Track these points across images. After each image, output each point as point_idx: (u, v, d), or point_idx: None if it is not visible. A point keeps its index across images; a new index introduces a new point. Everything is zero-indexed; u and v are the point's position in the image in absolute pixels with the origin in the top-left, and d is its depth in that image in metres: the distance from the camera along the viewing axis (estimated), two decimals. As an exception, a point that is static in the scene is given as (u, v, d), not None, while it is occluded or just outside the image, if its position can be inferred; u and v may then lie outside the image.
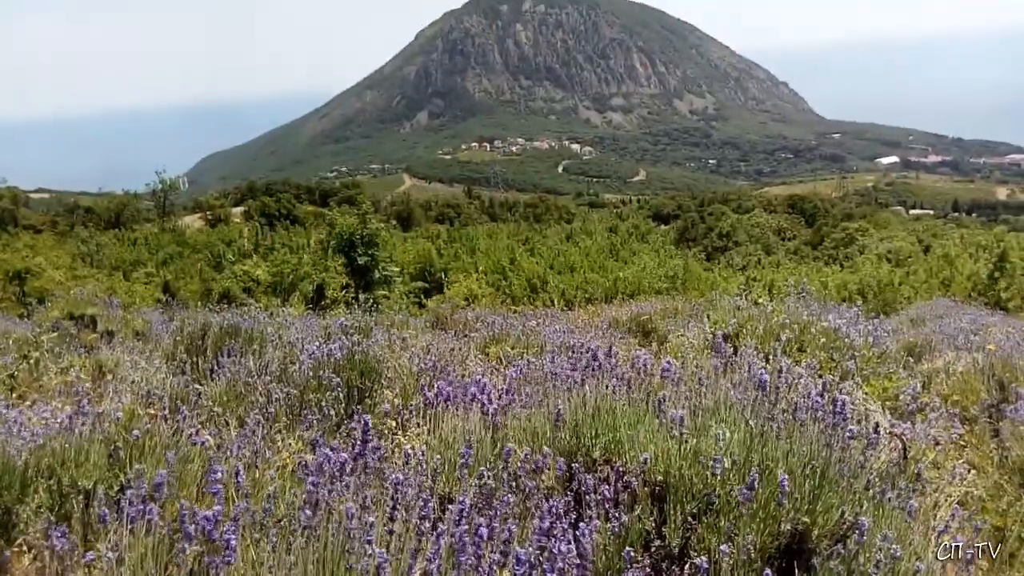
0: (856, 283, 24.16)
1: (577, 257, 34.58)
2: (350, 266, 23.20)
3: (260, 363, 4.98)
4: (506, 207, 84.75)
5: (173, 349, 6.58)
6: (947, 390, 6.19)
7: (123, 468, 3.11)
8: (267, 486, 2.81)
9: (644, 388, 3.33)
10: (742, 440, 2.78)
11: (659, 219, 76.00)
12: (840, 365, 5.58)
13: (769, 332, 5.86)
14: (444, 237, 44.53)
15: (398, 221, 59.43)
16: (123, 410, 3.42)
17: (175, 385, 4.87)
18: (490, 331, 8.51)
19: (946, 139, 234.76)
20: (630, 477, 2.65)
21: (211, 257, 33.50)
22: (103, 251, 34.45)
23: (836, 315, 7.69)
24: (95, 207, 56.76)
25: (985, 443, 5.42)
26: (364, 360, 4.63)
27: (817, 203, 79.09)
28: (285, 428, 3.96)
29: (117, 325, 9.37)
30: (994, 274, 19.33)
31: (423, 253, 30.74)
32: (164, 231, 45.14)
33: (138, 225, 50.67)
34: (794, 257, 49.03)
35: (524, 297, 25.52)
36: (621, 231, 54.79)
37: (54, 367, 6.73)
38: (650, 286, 26.67)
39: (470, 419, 3.19)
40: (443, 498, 2.64)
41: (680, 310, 12.57)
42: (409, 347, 7.07)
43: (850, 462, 2.82)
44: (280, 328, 6.95)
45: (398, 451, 3.74)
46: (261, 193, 69.07)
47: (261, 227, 46.90)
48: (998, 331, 9.50)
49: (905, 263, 30.53)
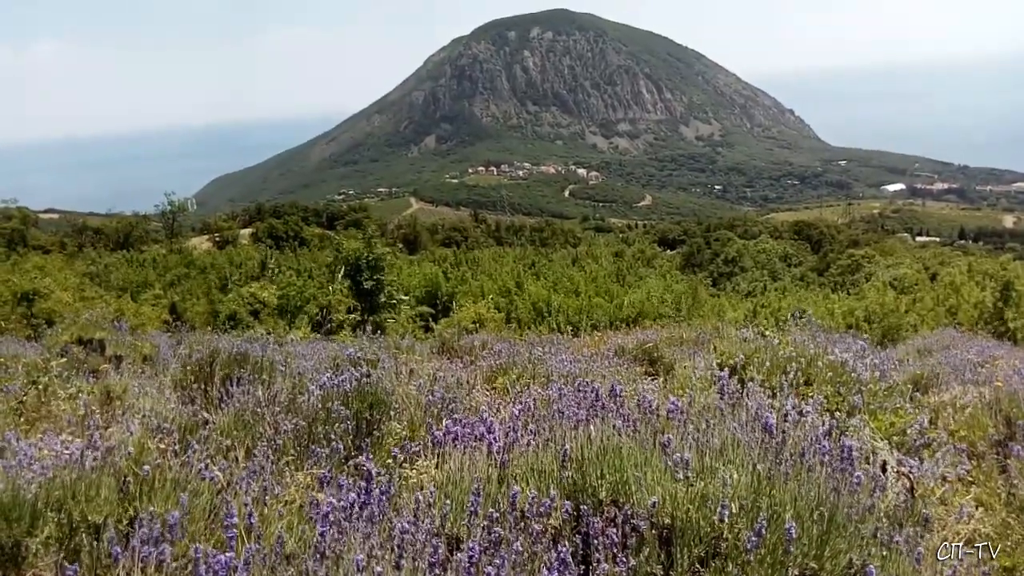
0: (862, 310, 24.12)
1: (583, 282, 34.62)
2: (356, 289, 23.25)
3: (269, 393, 5.00)
4: (512, 231, 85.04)
5: (182, 376, 6.61)
6: (954, 425, 6.17)
7: (132, 502, 3.13)
8: (276, 523, 2.82)
9: (650, 427, 3.34)
10: (749, 483, 2.79)
11: (665, 244, 76.16)
12: (847, 400, 5.58)
13: (776, 366, 5.86)
14: (451, 260, 44.66)
15: (404, 244, 59.66)
16: (133, 443, 3.45)
17: (183, 415, 4.90)
18: (496, 360, 8.52)
19: (952, 167, 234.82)
20: (637, 520, 2.66)
21: (218, 279, 33.65)
22: (111, 272, 34.63)
23: (843, 348, 7.69)
24: (104, 228, 57.17)
25: (992, 480, 5.38)
26: (373, 392, 4.65)
27: (823, 229, 79.13)
28: (294, 461, 3.97)
29: (126, 350, 9.42)
30: (998, 304, 19.24)
31: (430, 277, 30.80)
32: (172, 252, 45.37)
33: (146, 246, 50.99)
34: (800, 283, 48.91)
35: (530, 322, 25.51)
36: (627, 256, 54.94)
37: (63, 393, 6.75)
38: (656, 311, 26.67)
39: (476, 459, 3.21)
40: (451, 538, 2.66)
41: (686, 338, 12.54)
42: (416, 376, 7.09)
43: (858, 506, 2.83)
44: (288, 356, 6.98)
45: (405, 485, 3.75)
46: (269, 215, 69.40)
47: (268, 249, 47.14)
48: (1005, 363, 9.44)
49: (911, 290, 30.42)
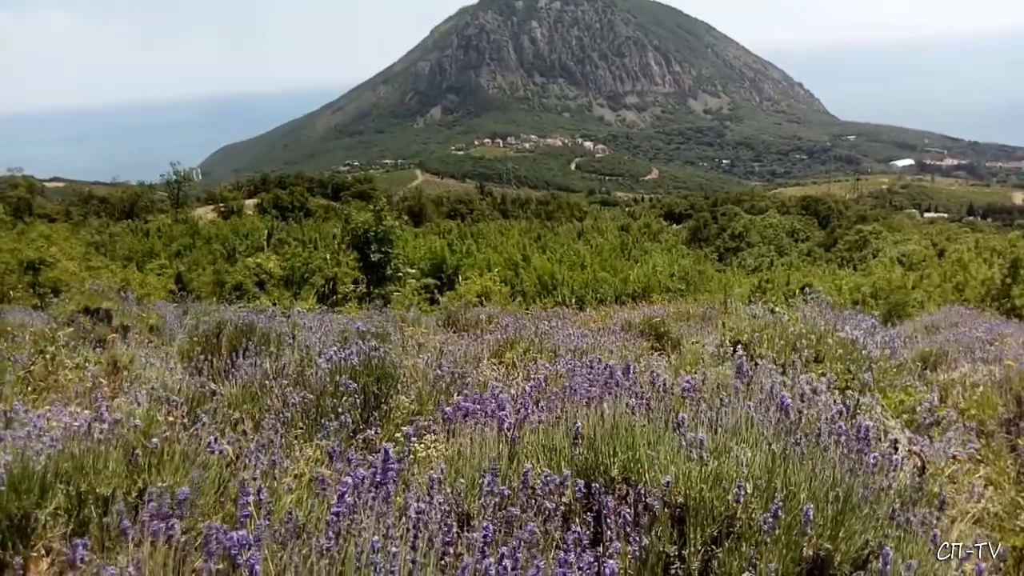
0: (869, 286, 24.03)
1: (589, 256, 34.55)
2: (363, 261, 23.22)
3: (277, 366, 4.98)
4: (518, 204, 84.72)
5: (189, 348, 6.60)
6: (964, 403, 6.13)
7: (141, 475, 3.12)
8: (285, 497, 2.81)
9: (663, 405, 3.30)
10: (764, 463, 2.76)
11: (671, 218, 75.76)
12: (857, 377, 5.54)
13: (787, 343, 5.82)
14: (456, 233, 44.56)
15: (410, 216, 59.49)
16: (141, 415, 3.43)
17: (191, 386, 4.88)
18: (503, 334, 8.48)
19: (962, 142, 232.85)
20: (650, 499, 2.63)
21: (224, 249, 33.66)
22: (116, 241, 34.66)
23: (852, 325, 7.63)
24: (109, 197, 57.12)
25: (1002, 458, 5.36)
26: (381, 366, 4.62)
27: (831, 205, 78.70)
28: (302, 435, 3.96)
29: (132, 320, 9.41)
30: (1006, 280, 19.12)
31: (435, 249, 30.76)
32: (177, 222, 45.32)
33: (152, 216, 50.94)
34: (807, 259, 48.75)
35: (536, 295, 25.48)
36: (633, 230, 54.71)
37: (69, 362, 6.75)
38: (662, 286, 26.63)
39: (487, 435, 3.18)
40: (461, 515, 2.64)
41: (693, 314, 12.51)
42: (424, 349, 7.06)
43: (873, 487, 2.80)
44: (295, 328, 6.96)
45: (415, 459, 3.73)
46: (274, 186, 69.20)
47: (274, 220, 47.08)
48: (1014, 341, 9.38)
49: (919, 267, 30.28)
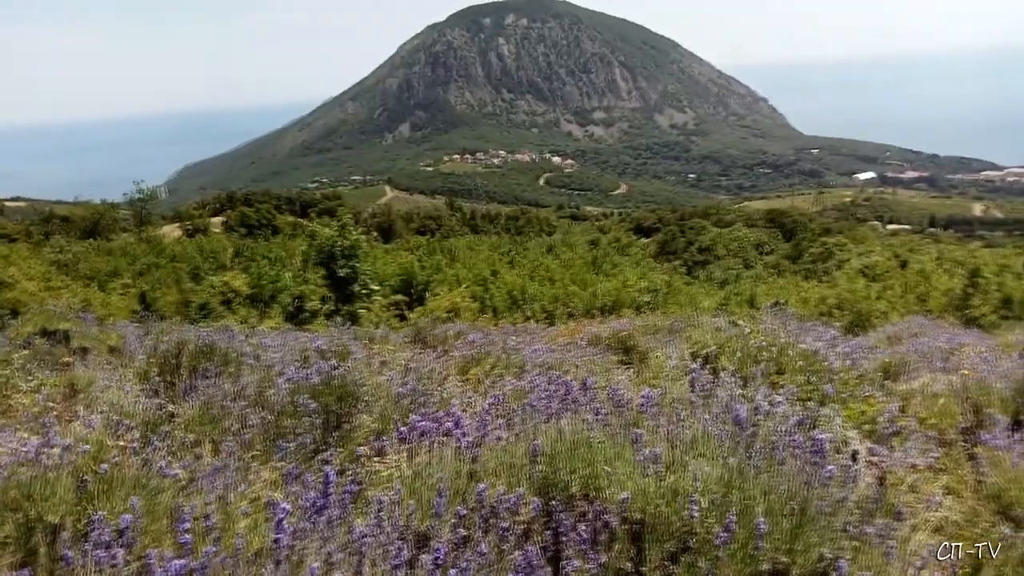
0: (834, 297, 24.41)
1: (558, 270, 34.66)
2: (330, 278, 23.03)
3: (236, 387, 4.90)
4: (488, 219, 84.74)
5: (148, 369, 6.47)
6: (924, 413, 6.22)
7: (91, 501, 3.04)
8: (239, 522, 2.75)
9: (622, 420, 3.30)
10: (720, 477, 2.76)
11: (640, 232, 76.26)
12: (818, 389, 5.59)
13: (748, 355, 5.87)
14: (425, 249, 44.44)
15: (379, 232, 59.22)
16: (92, 441, 3.35)
17: (148, 408, 4.78)
18: (470, 350, 8.45)
19: (922, 155, 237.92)
20: (608, 515, 2.63)
21: (189, 268, 33.21)
22: (79, 261, 34.01)
23: (814, 336, 7.73)
24: (71, 216, 56.05)
25: (961, 467, 5.43)
26: (342, 385, 4.57)
27: (796, 217, 79.75)
28: (260, 456, 3.89)
29: (91, 341, 9.23)
30: (967, 290, 19.53)
31: (404, 265, 30.61)
32: (142, 241, 44.64)
33: (115, 235, 50.09)
34: (773, 271, 49.33)
35: (506, 310, 25.47)
36: (602, 244, 55.05)
37: (24, 386, 6.60)
38: (631, 299, 26.76)
39: (446, 454, 3.15)
40: (419, 536, 2.60)
41: (660, 327, 12.57)
42: (389, 365, 7.00)
43: (829, 499, 2.81)
44: (258, 348, 6.86)
45: (375, 480, 3.68)
46: (241, 203, 68.46)
47: (241, 238, 46.59)
48: (973, 351, 9.55)
49: (882, 278, 30.82)
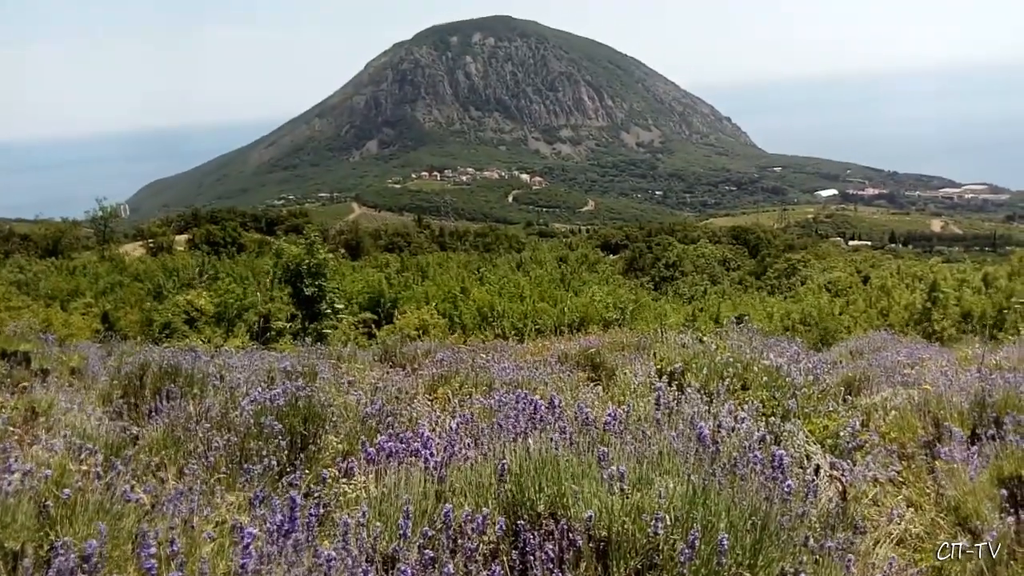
0: (798, 313, 24.81)
1: (527, 287, 34.68)
2: (297, 296, 22.80)
3: (201, 408, 4.85)
4: (456, 236, 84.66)
5: (111, 391, 6.37)
6: (885, 427, 6.34)
7: (54, 527, 2.99)
8: (204, 547, 2.73)
9: (588, 438, 3.34)
10: (684, 494, 2.80)
11: (607, 249, 76.79)
12: (782, 404, 5.68)
13: (714, 371, 5.95)
14: (394, 266, 44.25)
15: (347, 250, 58.88)
16: (54, 465, 3.30)
17: (111, 431, 4.71)
18: (439, 368, 8.44)
19: (882, 173, 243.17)
20: (575, 534, 2.65)
21: (152, 287, 32.66)
22: (40, 280, 33.34)
23: (778, 352, 7.85)
24: (32, 235, 55.01)
25: (922, 480, 5.55)
26: (308, 406, 4.54)
27: (760, 234, 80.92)
28: (226, 479, 3.86)
29: (52, 363, 9.04)
30: (927, 305, 19.90)
31: (372, 283, 30.43)
32: (104, 259, 43.91)
33: (77, 253, 49.24)
34: (739, 287, 49.95)
35: (475, 327, 25.42)
36: (571, 261, 55.24)
37: (-18, 410, 6.45)
38: (599, 316, 26.88)
39: (413, 474, 3.16)
40: (386, 557, 2.60)
41: (628, 344, 12.67)
42: (357, 385, 6.97)
43: (790, 513, 2.87)
44: (223, 369, 6.79)
45: (342, 501, 3.67)
46: (206, 221, 67.61)
47: (206, 255, 45.98)
48: (933, 365, 9.74)
49: (845, 293, 31.34)
